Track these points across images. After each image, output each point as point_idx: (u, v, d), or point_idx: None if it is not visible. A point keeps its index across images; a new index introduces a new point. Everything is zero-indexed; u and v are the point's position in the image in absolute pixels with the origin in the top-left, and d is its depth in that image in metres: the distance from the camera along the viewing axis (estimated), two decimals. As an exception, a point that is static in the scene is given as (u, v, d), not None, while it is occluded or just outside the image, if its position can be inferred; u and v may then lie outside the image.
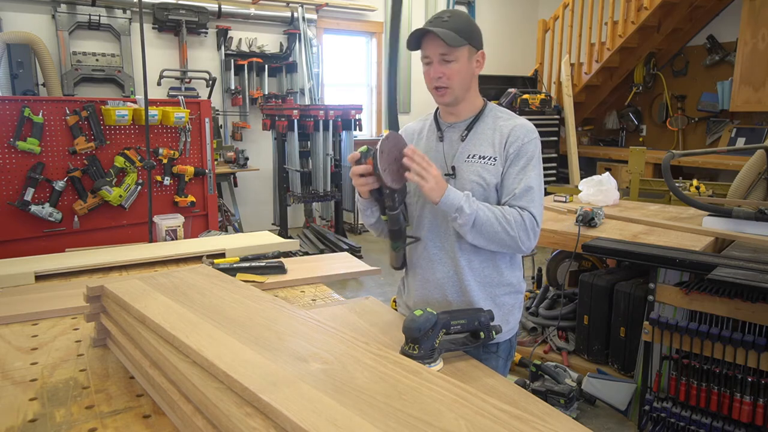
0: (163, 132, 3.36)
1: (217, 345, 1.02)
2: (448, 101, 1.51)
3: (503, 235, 1.41)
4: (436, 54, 1.45)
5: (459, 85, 1.48)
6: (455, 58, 1.44)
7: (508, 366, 1.64)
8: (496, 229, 1.41)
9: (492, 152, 1.49)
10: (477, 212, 1.39)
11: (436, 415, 0.81)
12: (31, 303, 1.68)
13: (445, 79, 1.46)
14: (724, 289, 2.19)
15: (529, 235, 1.44)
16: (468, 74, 1.49)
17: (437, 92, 1.50)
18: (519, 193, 1.45)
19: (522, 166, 1.47)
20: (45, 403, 1.13)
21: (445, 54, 1.44)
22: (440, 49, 1.44)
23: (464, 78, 1.48)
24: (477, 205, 1.41)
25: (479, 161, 1.49)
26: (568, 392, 2.67)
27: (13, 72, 4.62)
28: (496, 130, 1.51)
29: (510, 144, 1.48)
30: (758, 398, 2.13)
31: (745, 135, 6.07)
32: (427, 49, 1.46)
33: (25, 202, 2.90)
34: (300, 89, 6.42)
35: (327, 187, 5.45)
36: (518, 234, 1.42)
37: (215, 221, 3.65)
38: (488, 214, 1.41)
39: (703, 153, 5.18)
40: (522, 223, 1.42)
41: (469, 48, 1.46)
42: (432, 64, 1.47)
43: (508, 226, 1.41)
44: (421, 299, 1.60)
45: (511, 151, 1.48)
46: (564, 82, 6.64)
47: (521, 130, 1.49)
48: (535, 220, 1.45)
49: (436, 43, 1.43)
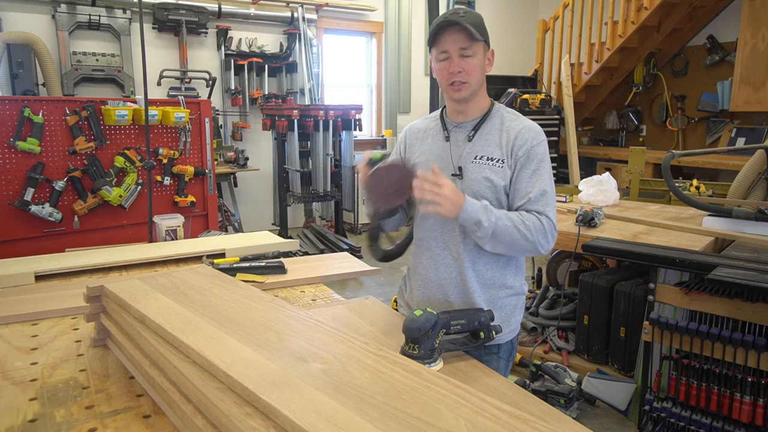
0: (163, 132, 3.36)
1: (217, 345, 1.02)
2: (465, 95, 1.49)
3: (522, 242, 1.41)
4: (455, 48, 1.44)
5: (476, 81, 1.48)
6: (474, 52, 1.44)
7: (509, 367, 1.64)
8: (515, 237, 1.41)
9: (500, 154, 1.48)
10: (496, 223, 1.39)
11: (436, 415, 0.81)
12: (31, 303, 1.68)
13: (464, 74, 1.45)
14: (724, 289, 2.19)
15: (548, 238, 1.45)
16: (483, 71, 1.49)
17: (453, 87, 1.48)
18: (534, 198, 1.45)
19: (534, 169, 1.47)
20: (45, 403, 1.13)
21: (465, 48, 1.43)
22: (461, 43, 1.43)
23: (481, 74, 1.49)
24: (495, 215, 1.40)
25: (487, 163, 1.48)
26: (568, 392, 2.67)
27: (13, 72, 4.62)
28: (503, 132, 1.50)
29: (519, 147, 1.47)
30: (758, 398, 2.13)
31: (745, 135, 6.07)
32: (445, 44, 1.45)
33: (25, 202, 2.90)
34: (300, 89, 6.42)
35: (327, 187, 5.45)
36: (537, 239, 1.42)
37: (215, 221, 3.65)
38: (507, 223, 1.40)
39: (703, 153, 5.18)
40: (541, 227, 1.43)
41: (484, 45, 1.47)
42: (450, 58, 1.45)
43: (528, 231, 1.41)
44: (423, 299, 1.60)
45: (521, 154, 1.47)
46: (564, 82, 6.64)
47: (530, 133, 1.49)
48: (553, 223, 1.46)
49: (456, 37, 1.43)
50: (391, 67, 7.26)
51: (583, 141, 7.36)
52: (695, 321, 2.28)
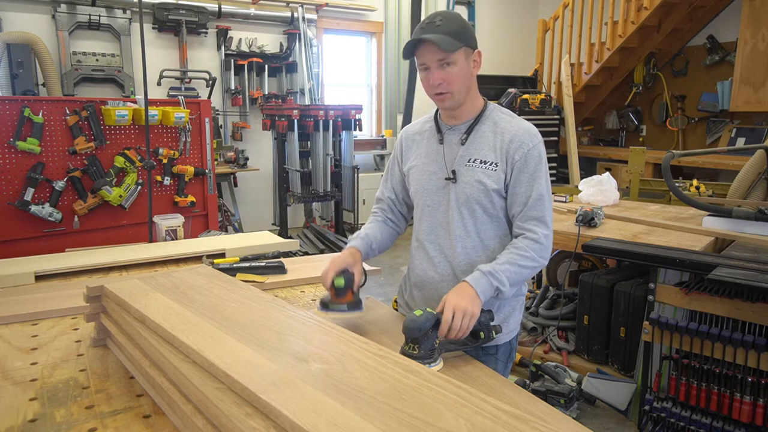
0: (163, 132, 3.36)
1: (217, 345, 1.02)
2: (450, 105, 1.49)
3: (530, 272, 1.47)
4: (433, 60, 1.42)
5: (460, 89, 1.46)
6: (453, 61, 1.42)
7: (508, 368, 1.63)
8: (525, 274, 1.45)
9: (493, 157, 1.48)
10: (506, 280, 1.40)
11: (436, 415, 0.81)
12: (31, 303, 1.68)
13: (445, 85, 1.44)
14: (724, 289, 2.19)
15: (547, 250, 1.48)
16: (467, 76, 1.47)
17: (438, 98, 1.48)
18: (531, 204, 1.46)
19: (531, 173, 1.46)
20: (45, 403, 1.13)
21: (443, 59, 1.41)
22: (437, 55, 1.41)
23: (464, 80, 1.46)
24: (501, 274, 1.40)
25: (480, 166, 1.48)
26: (568, 392, 2.67)
27: (13, 72, 4.62)
28: (497, 134, 1.49)
29: (515, 151, 1.46)
30: (758, 398, 2.13)
31: (745, 135, 6.07)
32: (423, 57, 1.43)
33: (25, 202, 2.90)
34: (300, 89, 6.42)
35: (327, 187, 5.45)
36: (537, 257, 1.45)
37: (215, 221, 3.65)
38: (512, 269, 1.42)
39: (703, 153, 5.17)
40: (537, 245, 1.45)
41: (465, 49, 1.43)
42: (430, 70, 1.44)
43: (531, 261, 1.44)
44: (421, 300, 1.60)
45: (517, 158, 1.46)
46: (564, 82, 6.64)
47: (525, 136, 1.47)
48: (549, 228, 1.48)
49: (431, 49, 1.40)
50: (391, 67, 7.26)
51: (583, 141, 7.36)
52: (695, 321, 2.28)
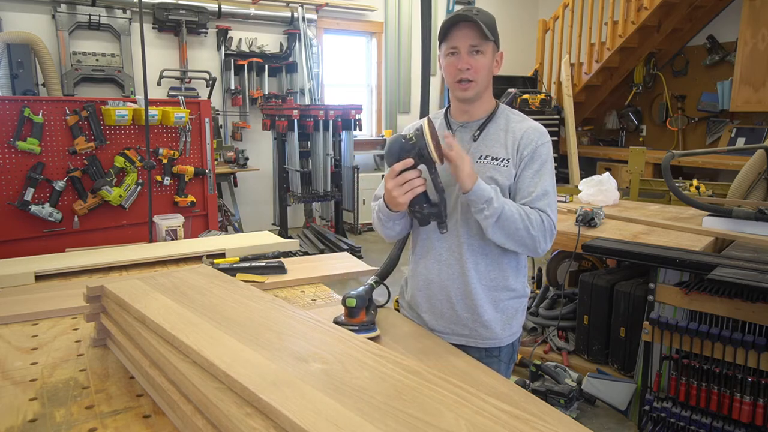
0: (163, 132, 3.35)
1: (217, 345, 1.02)
2: (471, 95, 1.49)
3: (524, 233, 1.40)
4: (465, 45, 1.43)
5: (483, 81, 1.48)
6: (484, 51, 1.44)
7: (510, 369, 1.63)
8: (519, 227, 1.40)
9: (504, 154, 1.48)
10: (504, 206, 1.38)
11: (436, 415, 0.81)
12: (31, 303, 1.68)
13: (472, 72, 1.44)
14: (724, 289, 2.19)
15: (547, 237, 1.44)
16: (491, 71, 1.49)
17: (460, 85, 1.47)
18: (536, 197, 1.45)
19: (537, 169, 1.47)
20: (45, 403, 1.13)
21: (476, 45, 1.43)
22: (471, 40, 1.42)
23: (488, 74, 1.48)
24: (504, 199, 1.40)
25: (491, 162, 1.48)
26: (568, 392, 2.67)
27: (13, 72, 4.62)
28: (508, 132, 1.50)
29: (524, 147, 1.47)
30: (758, 398, 2.13)
31: (745, 135, 6.07)
32: (456, 39, 1.44)
33: (25, 202, 2.90)
34: (300, 89, 6.42)
35: (327, 187, 5.45)
36: (538, 235, 1.41)
37: (215, 221, 3.65)
38: (513, 210, 1.40)
39: (703, 153, 5.18)
40: (542, 224, 1.42)
41: (493, 46, 1.46)
42: (459, 54, 1.44)
43: (531, 225, 1.40)
44: (425, 299, 1.60)
45: (525, 154, 1.47)
46: (564, 82, 6.64)
47: (534, 133, 1.49)
48: (553, 223, 1.45)
49: (467, 33, 1.42)
50: (391, 67, 7.26)
51: (583, 141, 7.36)
52: (695, 321, 2.28)
